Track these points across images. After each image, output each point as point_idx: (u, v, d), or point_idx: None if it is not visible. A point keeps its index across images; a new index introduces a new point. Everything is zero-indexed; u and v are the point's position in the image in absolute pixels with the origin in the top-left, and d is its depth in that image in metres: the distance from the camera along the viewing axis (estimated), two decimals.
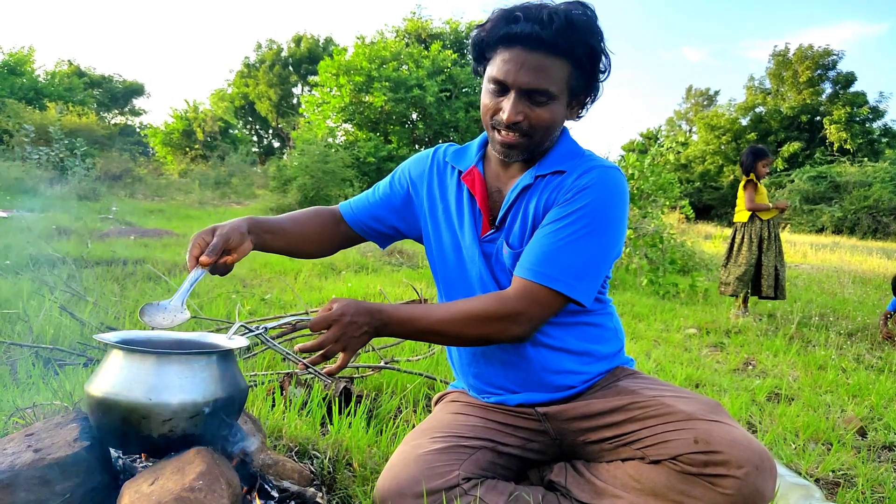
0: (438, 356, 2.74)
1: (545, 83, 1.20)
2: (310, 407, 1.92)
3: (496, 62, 1.23)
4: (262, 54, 42.08)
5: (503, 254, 1.34)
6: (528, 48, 1.19)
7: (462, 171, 1.41)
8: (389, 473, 1.24)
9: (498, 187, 1.39)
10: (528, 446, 1.39)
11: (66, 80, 29.43)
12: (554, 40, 1.17)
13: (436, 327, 1.23)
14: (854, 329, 4.56)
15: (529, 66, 1.19)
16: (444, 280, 1.47)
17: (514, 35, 1.19)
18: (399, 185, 1.53)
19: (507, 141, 1.26)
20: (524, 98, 1.22)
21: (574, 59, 1.21)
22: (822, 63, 32.37)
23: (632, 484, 1.22)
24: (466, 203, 1.40)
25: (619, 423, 1.28)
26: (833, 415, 2.52)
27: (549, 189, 1.31)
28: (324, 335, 1.16)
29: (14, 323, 2.78)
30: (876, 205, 21.65)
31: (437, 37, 26.99)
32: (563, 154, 1.34)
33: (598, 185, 1.26)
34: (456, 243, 1.42)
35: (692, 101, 42.32)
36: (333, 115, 24.91)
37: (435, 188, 1.46)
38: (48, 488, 1.07)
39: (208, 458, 1.08)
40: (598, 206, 1.25)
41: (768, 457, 1.13)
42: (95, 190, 13.77)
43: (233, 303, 3.56)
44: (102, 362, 1.17)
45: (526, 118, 1.23)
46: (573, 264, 1.23)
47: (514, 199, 1.33)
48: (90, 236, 6.39)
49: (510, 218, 1.34)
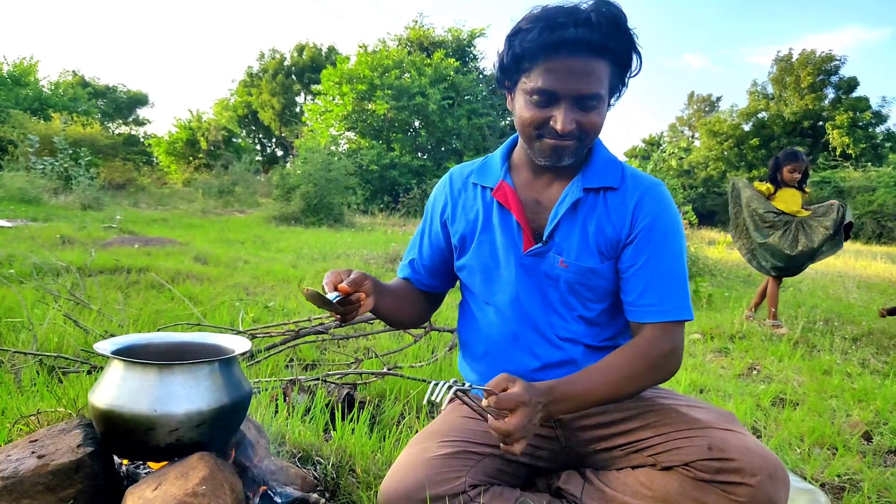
0: (441, 363, 2.74)
1: (596, 87, 1.17)
2: (313, 413, 1.92)
3: (539, 72, 1.17)
4: (264, 63, 42.28)
5: (556, 268, 1.30)
6: (575, 54, 1.14)
7: (490, 187, 1.37)
8: (396, 476, 1.22)
9: (534, 198, 1.34)
10: (538, 454, 1.38)
11: (70, 90, 29.58)
12: (602, 42, 1.14)
13: (602, 400, 1.23)
14: (859, 334, 4.54)
15: (579, 72, 1.15)
16: (477, 297, 1.43)
17: (561, 41, 1.13)
18: (434, 226, 1.48)
19: (559, 145, 1.22)
20: (575, 105, 1.18)
21: (614, 59, 1.19)
22: (824, 68, 32.41)
23: (642, 491, 1.21)
24: (498, 219, 1.35)
25: (632, 430, 1.28)
26: (838, 419, 2.51)
27: (608, 208, 1.30)
28: (511, 422, 1.10)
29: (18, 331, 2.79)
30: (880, 209, 21.60)
31: (439, 45, 27.07)
32: (604, 164, 1.33)
33: (666, 205, 1.30)
34: (490, 261, 1.37)
35: (694, 108, 42.41)
36: (336, 123, 25.02)
37: (459, 211, 1.42)
38: (52, 494, 1.07)
39: (211, 463, 1.09)
40: (673, 227, 1.29)
41: (782, 467, 1.12)
42: (99, 199, 13.80)
43: (236, 310, 3.57)
44: (105, 372, 1.17)
45: (578, 125, 1.20)
46: (681, 289, 1.27)
47: (563, 214, 1.29)
48: (94, 245, 6.41)
49: (561, 232, 1.30)
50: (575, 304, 1.33)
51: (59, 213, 11.06)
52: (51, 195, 13.65)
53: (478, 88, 26.73)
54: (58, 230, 7.47)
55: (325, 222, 14.01)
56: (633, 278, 1.28)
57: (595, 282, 1.31)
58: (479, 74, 27.70)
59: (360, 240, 10.23)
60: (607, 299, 1.34)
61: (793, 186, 4.82)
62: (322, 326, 2.77)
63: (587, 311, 1.34)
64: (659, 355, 1.24)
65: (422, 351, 2.99)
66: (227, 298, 4.12)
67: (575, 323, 1.34)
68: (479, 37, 28.02)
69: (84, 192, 13.77)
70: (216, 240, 8.81)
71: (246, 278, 5.23)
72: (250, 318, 3.53)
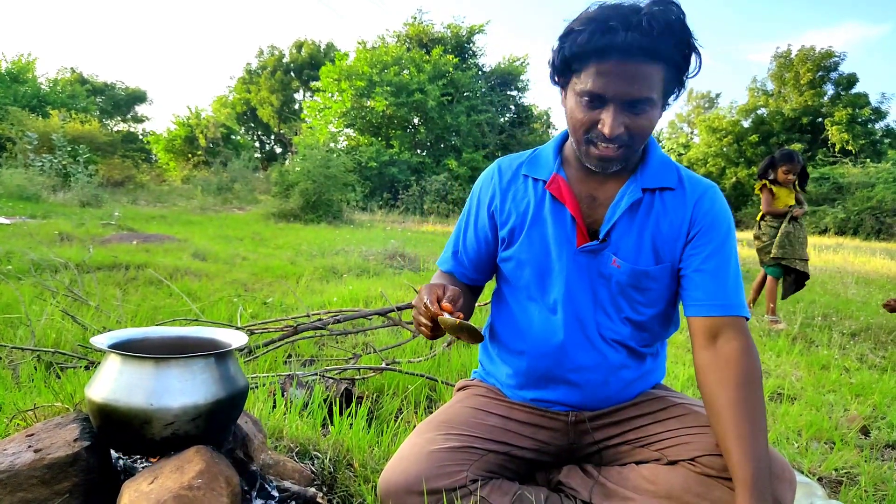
0: (439, 358, 2.74)
1: (646, 91, 1.14)
2: (311, 408, 1.92)
3: (589, 74, 1.15)
4: (263, 60, 42.20)
5: (609, 267, 1.29)
6: (626, 58, 1.11)
7: (544, 179, 1.35)
8: (399, 468, 1.22)
9: (589, 194, 1.32)
10: (544, 449, 1.37)
11: (68, 87, 29.53)
12: (654, 46, 1.11)
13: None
14: (857, 329, 4.54)
15: (629, 76, 1.12)
16: (520, 291, 1.39)
17: (611, 46, 1.11)
18: (481, 218, 1.44)
19: (605, 155, 1.21)
20: (624, 109, 1.16)
21: (669, 61, 1.15)
22: (823, 65, 32.37)
23: (645, 486, 1.21)
24: (550, 212, 1.33)
25: (643, 427, 1.29)
26: (836, 414, 2.51)
27: (665, 208, 1.29)
28: None
29: (16, 327, 2.79)
30: (879, 206, 21.59)
31: (438, 41, 27.04)
32: (659, 165, 1.32)
33: (725, 206, 1.31)
34: (542, 254, 1.34)
35: (693, 104, 42.38)
36: (335, 119, 25.01)
37: (509, 202, 1.39)
38: (47, 487, 1.07)
39: (207, 456, 1.08)
40: (732, 228, 1.31)
41: (789, 468, 1.12)
42: (98, 196, 13.80)
43: (234, 306, 3.57)
44: (101, 365, 1.17)
45: (626, 129, 1.17)
46: (740, 287, 1.27)
47: (621, 213, 1.28)
48: (92, 242, 6.41)
49: (618, 232, 1.28)
50: (624, 306, 1.31)
51: (57, 210, 11.05)
52: (49, 192, 13.65)
53: (477, 85, 26.72)
54: (56, 227, 7.47)
55: (323, 219, 14.00)
56: (701, 275, 1.26)
57: (647, 284, 1.29)
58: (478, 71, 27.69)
59: (359, 236, 10.23)
60: (657, 305, 1.32)
61: (787, 187, 4.90)
62: (320, 322, 2.77)
63: (635, 315, 1.32)
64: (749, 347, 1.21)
65: (420, 346, 2.99)
66: (226, 295, 4.12)
67: (622, 325, 1.32)
68: (478, 33, 28.01)
69: (83, 190, 13.77)
70: (215, 237, 8.81)
71: (244, 275, 5.23)
72: (248, 314, 3.53)
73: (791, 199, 4.92)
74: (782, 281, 4.94)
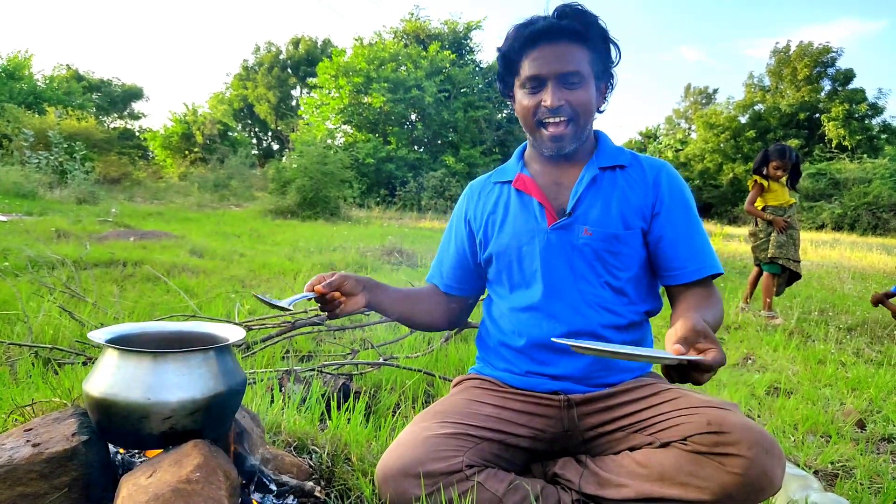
0: (437, 353, 2.74)
1: (575, 65, 1.34)
2: (309, 403, 1.93)
3: (526, 64, 1.37)
4: (260, 57, 42.13)
5: (581, 237, 1.41)
6: (552, 41, 1.34)
7: (510, 180, 1.52)
8: (395, 452, 1.25)
9: (553, 181, 1.47)
10: (539, 437, 1.40)
11: (64, 84, 29.45)
12: (572, 27, 1.33)
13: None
14: (854, 324, 4.55)
15: (558, 55, 1.34)
16: (506, 288, 1.51)
17: (537, 33, 1.34)
18: (460, 229, 1.63)
19: (556, 133, 1.38)
20: (561, 84, 1.35)
21: (590, 44, 1.36)
22: (820, 60, 32.42)
23: (638, 471, 1.23)
24: (519, 205, 1.49)
25: (636, 412, 1.32)
26: (832, 408, 2.53)
27: (628, 181, 1.44)
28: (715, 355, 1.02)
29: (13, 324, 2.79)
30: (876, 201, 21.66)
31: (435, 37, 26.99)
32: (612, 150, 1.49)
33: (681, 179, 1.48)
34: (514, 241, 1.47)
35: (691, 100, 42.35)
36: (332, 116, 24.95)
37: (480, 207, 1.57)
38: (45, 481, 1.07)
39: (205, 450, 1.09)
40: (687, 192, 1.47)
41: (778, 445, 1.14)
42: (94, 194, 13.76)
43: (232, 302, 3.57)
44: (99, 360, 1.17)
45: (567, 102, 1.35)
46: (711, 247, 1.44)
47: (584, 188, 1.42)
48: (89, 239, 6.40)
49: (583, 205, 1.42)
50: (601, 271, 1.41)
51: (54, 207, 11.02)
52: (46, 189, 13.63)
53: (474, 81, 26.67)
54: (53, 224, 7.45)
55: (321, 216, 13.99)
56: (673, 245, 1.41)
57: (618, 248, 1.40)
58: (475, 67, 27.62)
59: (356, 233, 10.22)
60: (631, 268, 1.43)
61: (778, 181, 4.88)
62: (318, 318, 2.77)
63: (613, 279, 1.42)
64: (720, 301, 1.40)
65: (417, 342, 2.99)
66: (223, 291, 4.12)
67: (602, 289, 1.42)
68: (476, 29, 27.97)
69: (79, 187, 13.74)
70: (212, 233, 8.79)
71: (242, 271, 5.23)
72: (246, 310, 3.52)
73: (786, 195, 4.89)
74: (776, 278, 4.94)
